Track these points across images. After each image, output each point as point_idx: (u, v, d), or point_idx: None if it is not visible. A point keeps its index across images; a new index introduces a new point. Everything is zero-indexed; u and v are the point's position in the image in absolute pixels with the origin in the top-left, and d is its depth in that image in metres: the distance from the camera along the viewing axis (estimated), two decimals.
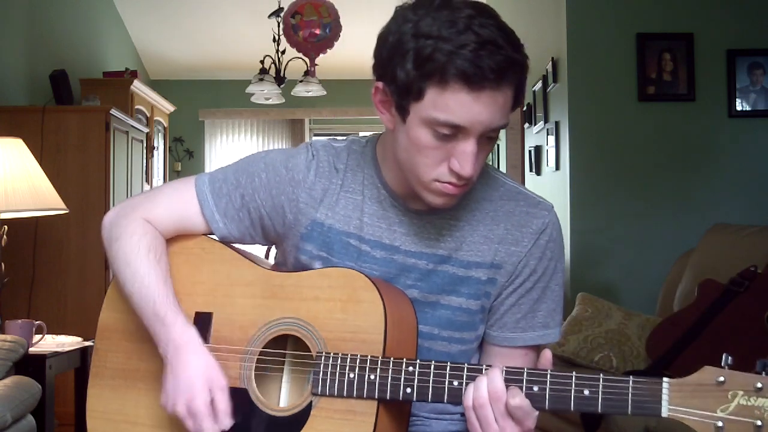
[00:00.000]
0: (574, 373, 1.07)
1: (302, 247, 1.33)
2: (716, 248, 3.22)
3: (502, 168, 6.20)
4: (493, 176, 1.34)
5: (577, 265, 4.02)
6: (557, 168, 4.32)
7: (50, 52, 5.20)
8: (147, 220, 1.36)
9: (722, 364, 1.00)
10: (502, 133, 6.20)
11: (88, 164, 4.47)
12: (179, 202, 1.38)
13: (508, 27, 1.15)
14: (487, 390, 1.08)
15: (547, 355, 1.12)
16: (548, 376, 1.07)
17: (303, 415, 1.19)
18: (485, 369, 1.11)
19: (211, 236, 1.39)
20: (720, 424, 0.98)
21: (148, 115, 6.14)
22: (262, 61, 6.04)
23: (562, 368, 3.11)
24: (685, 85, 3.99)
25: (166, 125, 6.81)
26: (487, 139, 1.17)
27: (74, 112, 4.66)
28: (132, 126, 5.05)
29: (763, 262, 2.84)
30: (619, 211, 4.02)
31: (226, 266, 1.34)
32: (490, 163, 6.59)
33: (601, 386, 1.05)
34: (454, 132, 1.14)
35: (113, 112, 4.59)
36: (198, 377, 1.22)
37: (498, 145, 6.48)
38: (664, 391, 1.02)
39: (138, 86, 5.77)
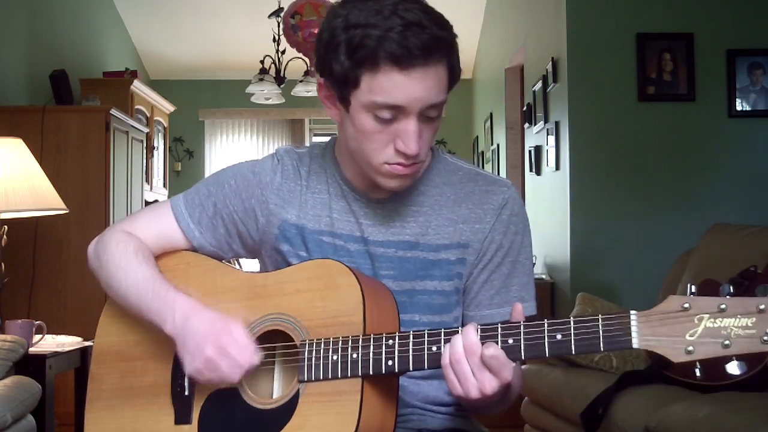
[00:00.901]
0: (545, 320, 1.10)
1: (279, 248, 1.37)
2: (716, 248, 3.22)
3: (502, 168, 6.20)
4: (451, 162, 1.40)
5: (577, 265, 4.02)
6: (557, 168, 4.32)
7: (50, 52, 5.21)
8: (129, 233, 1.41)
9: (687, 293, 1.03)
10: (503, 134, 6.20)
11: (88, 164, 4.47)
12: (157, 220, 1.43)
13: (433, 9, 1.21)
14: (462, 345, 1.11)
15: (518, 308, 1.15)
16: (521, 327, 1.11)
17: (291, 404, 1.21)
18: (460, 329, 1.14)
19: (194, 252, 1.43)
20: (690, 348, 1.01)
21: (148, 115, 6.14)
22: (262, 61, 6.05)
23: (564, 368, 3.11)
24: (685, 85, 3.99)
25: (166, 125, 6.81)
26: (427, 118, 1.23)
27: (74, 112, 4.66)
28: (132, 126, 5.05)
29: (763, 262, 2.84)
30: (619, 211, 4.02)
31: (211, 276, 1.38)
32: (490, 164, 6.57)
33: (572, 328, 1.07)
34: (393, 113, 1.20)
35: (113, 112, 4.59)
36: (215, 322, 1.25)
37: (498, 145, 6.48)
38: (633, 323, 1.04)
39: (138, 86, 5.77)
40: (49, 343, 3.25)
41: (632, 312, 1.05)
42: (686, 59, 3.98)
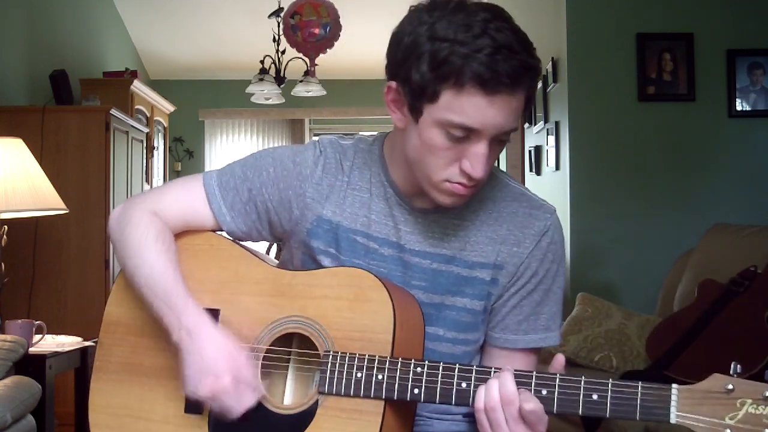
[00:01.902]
0: (582, 377, 1.08)
1: (309, 243, 1.33)
2: (716, 248, 3.22)
3: (502, 168, 6.20)
4: (497, 177, 1.35)
5: (577, 265, 4.02)
6: (557, 168, 4.32)
7: (50, 52, 5.20)
8: (155, 213, 1.36)
9: (731, 373, 1.01)
10: None
11: (88, 164, 4.46)
12: (187, 197, 1.38)
13: (522, 31, 1.17)
14: (498, 393, 1.08)
15: (560, 359, 1.12)
16: (557, 380, 1.08)
17: (309, 414, 1.19)
18: (494, 371, 1.11)
19: (219, 233, 1.39)
20: (728, 431, 0.99)
21: (148, 115, 6.13)
22: (262, 61, 6.04)
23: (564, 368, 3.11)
24: (685, 85, 3.99)
25: (166, 125, 6.81)
26: (498, 142, 1.19)
27: (74, 112, 4.65)
28: (132, 126, 5.05)
29: (763, 262, 2.84)
30: (619, 211, 4.02)
31: (234, 263, 1.34)
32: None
33: (610, 391, 1.05)
34: (466, 134, 1.16)
35: (113, 112, 4.58)
36: (219, 356, 1.22)
37: None
38: (673, 397, 1.03)
39: (138, 86, 5.76)
40: (49, 343, 3.25)
41: (674, 386, 1.04)
42: (686, 59, 3.98)
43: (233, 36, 7.28)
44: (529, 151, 5.18)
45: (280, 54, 6.08)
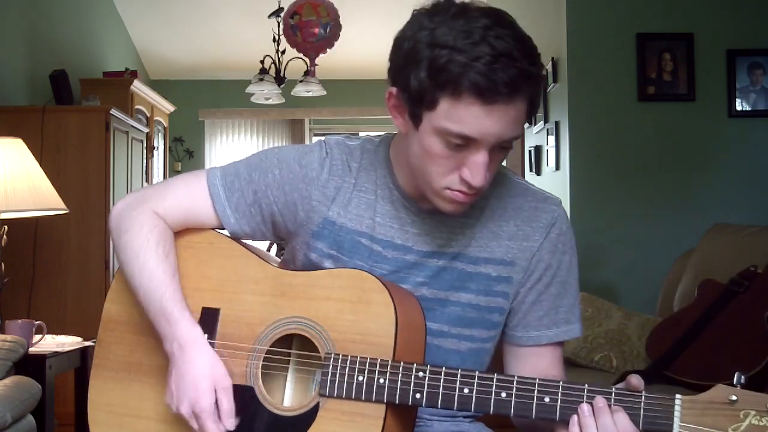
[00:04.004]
0: (586, 385, 1.07)
1: (313, 245, 1.32)
2: (716, 248, 3.22)
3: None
4: (502, 173, 1.34)
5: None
6: (557, 168, 4.32)
7: (50, 52, 5.20)
8: (156, 213, 1.35)
9: (734, 383, 1.01)
10: None
11: (88, 164, 4.46)
12: (190, 196, 1.37)
13: (525, 36, 1.14)
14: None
15: (633, 379, 1.09)
16: (560, 387, 1.08)
17: (310, 416, 1.18)
18: (495, 378, 1.11)
19: (220, 231, 1.38)
20: None
21: (148, 115, 6.13)
22: (262, 61, 6.04)
23: (565, 369, 3.11)
24: (685, 85, 3.99)
25: (166, 125, 6.81)
26: (499, 149, 1.18)
27: (74, 112, 4.65)
28: (132, 126, 5.05)
29: (763, 262, 2.84)
30: (619, 211, 4.02)
31: (235, 262, 1.33)
32: None
33: (613, 400, 1.06)
34: (465, 143, 1.14)
35: (113, 112, 4.58)
36: (203, 377, 1.22)
37: None
38: (677, 408, 1.02)
39: (138, 86, 5.76)
40: (49, 343, 3.24)
41: (677, 396, 1.03)
42: (686, 59, 3.98)
43: (233, 36, 7.28)
44: (529, 151, 5.18)
45: (280, 54, 6.08)
